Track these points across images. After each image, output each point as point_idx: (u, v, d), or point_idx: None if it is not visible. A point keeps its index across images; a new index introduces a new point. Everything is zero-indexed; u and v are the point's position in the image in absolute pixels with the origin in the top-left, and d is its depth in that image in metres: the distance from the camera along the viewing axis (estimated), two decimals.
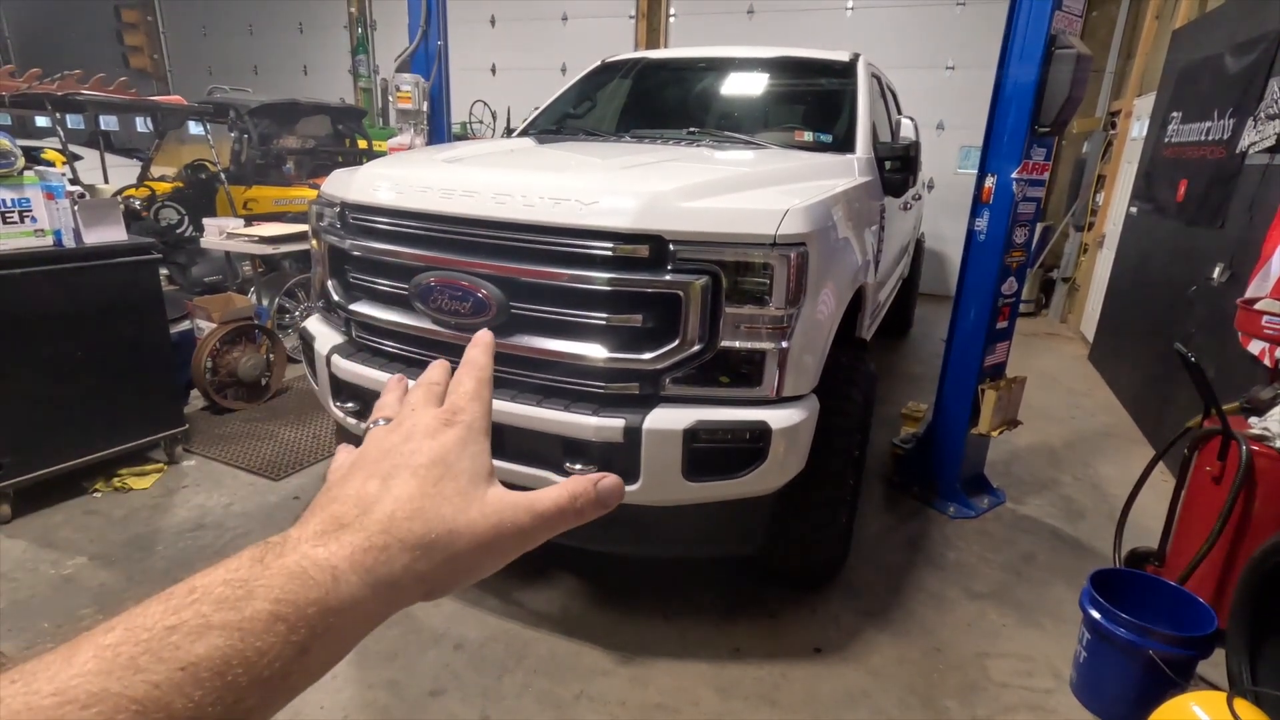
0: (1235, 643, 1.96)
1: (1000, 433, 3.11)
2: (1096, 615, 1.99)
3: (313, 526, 0.36)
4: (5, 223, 2.61)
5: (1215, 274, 3.37)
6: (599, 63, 3.79)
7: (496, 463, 1.89)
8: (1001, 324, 3.06)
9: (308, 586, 0.32)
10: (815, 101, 3.39)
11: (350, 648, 0.35)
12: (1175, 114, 4.37)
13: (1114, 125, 6.31)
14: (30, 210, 2.66)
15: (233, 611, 0.30)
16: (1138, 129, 5.43)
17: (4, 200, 2.58)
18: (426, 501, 0.38)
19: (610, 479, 0.44)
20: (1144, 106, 5.28)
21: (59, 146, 5.48)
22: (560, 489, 0.42)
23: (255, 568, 0.32)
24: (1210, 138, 3.76)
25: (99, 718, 0.26)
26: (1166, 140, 4.45)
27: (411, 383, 0.51)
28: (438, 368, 0.51)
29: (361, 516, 0.37)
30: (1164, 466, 2.92)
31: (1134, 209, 5.02)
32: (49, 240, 2.73)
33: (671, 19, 8.68)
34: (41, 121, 9.98)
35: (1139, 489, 2.58)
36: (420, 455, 0.41)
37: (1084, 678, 2.08)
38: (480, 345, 0.51)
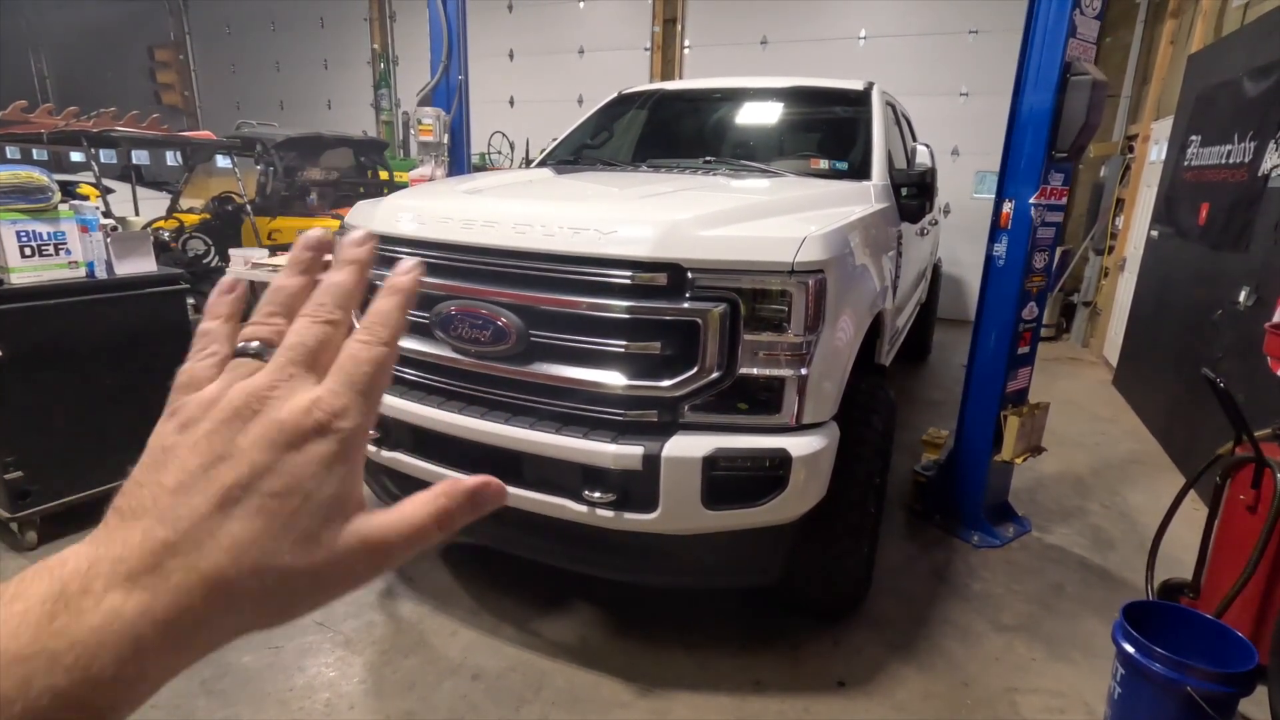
0: (1278, 678, 1.89)
1: (1024, 460, 3.06)
2: (1130, 650, 1.93)
3: (121, 554, 0.28)
4: (41, 255, 2.68)
5: (1241, 298, 3.31)
6: (616, 94, 3.86)
7: (513, 490, 1.84)
8: (1023, 349, 3.02)
9: (104, 659, 0.26)
10: (830, 130, 3.42)
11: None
12: (1194, 137, 4.35)
13: (1131, 149, 6.28)
14: (65, 243, 2.74)
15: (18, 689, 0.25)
16: (1156, 153, 5.40)
17: (41, 233, 2.67)
18: (269, 548, 0.30)
19: (493, 485, 0.36)
20: (1161, 130, 5.26)
21: (93, 181, 5.66)
22: (427, 508, 0.34)
23: (43, 630, 0.26)
24: (1231, 161, 3.74)
25: None
26: (1186, 164, 4.42)
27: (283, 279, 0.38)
28: (322, 295, 0.37)
29: (185, 557, 0.29)
30: (1195, 494, 2.85)
31: (1155, 232, 4.98)
32: (82, 272, 2.81)
33: (686, 51, 8.83)
34: (76, 156, 10.33)
35: (1170, 518, 2.51)
36: (274, 478, 0.31)
37: (1119, 715, 2.00)
38: (399, 292, 0.37)
